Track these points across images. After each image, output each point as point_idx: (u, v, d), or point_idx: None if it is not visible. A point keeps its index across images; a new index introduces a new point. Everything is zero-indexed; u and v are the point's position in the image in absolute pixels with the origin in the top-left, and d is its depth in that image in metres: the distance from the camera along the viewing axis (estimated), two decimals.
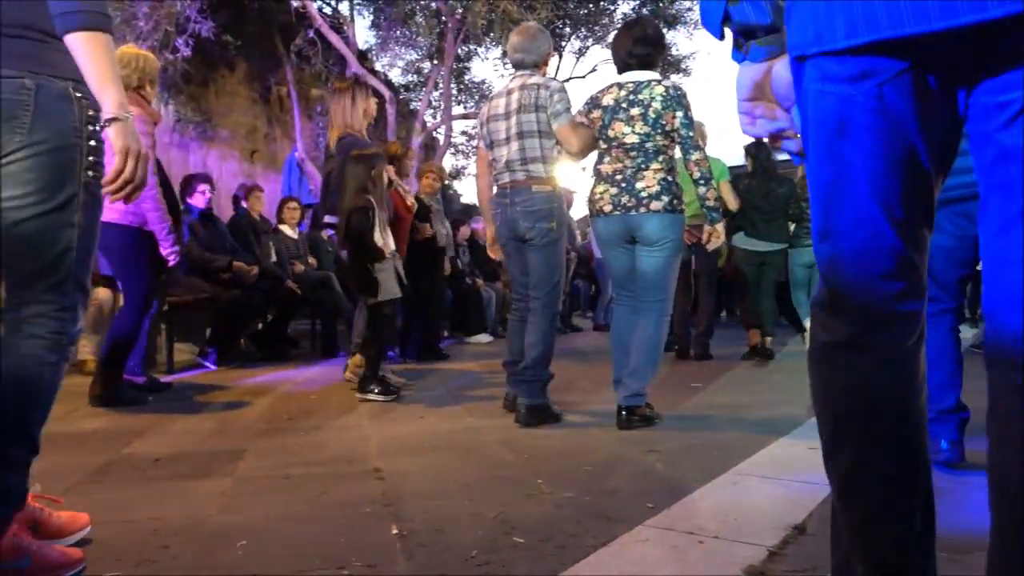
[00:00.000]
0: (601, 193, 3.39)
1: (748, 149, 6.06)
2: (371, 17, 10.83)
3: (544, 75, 3.62)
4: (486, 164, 3.75)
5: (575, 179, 13.71)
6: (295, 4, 8.73)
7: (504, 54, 11.80)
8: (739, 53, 1.16)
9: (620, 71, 3.51)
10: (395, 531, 1.87)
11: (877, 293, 1.06)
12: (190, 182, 5.95)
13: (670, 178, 3.31)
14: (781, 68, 1.12)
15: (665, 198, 3.26)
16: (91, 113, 1.59)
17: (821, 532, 1.79)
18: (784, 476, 2.37)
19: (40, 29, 1.55)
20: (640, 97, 3.33)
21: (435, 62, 11.03)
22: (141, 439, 3.09)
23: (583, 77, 12.95)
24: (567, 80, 12.99)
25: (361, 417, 3.58)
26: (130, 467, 2.62)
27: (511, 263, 3.68)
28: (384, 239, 4.20)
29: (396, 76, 11.81)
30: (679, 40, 12.14)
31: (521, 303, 3.66)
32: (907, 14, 0.91)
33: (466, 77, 12.27)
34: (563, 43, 12.34)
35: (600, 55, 12.47)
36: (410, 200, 5.49)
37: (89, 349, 5.55)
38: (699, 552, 1.71)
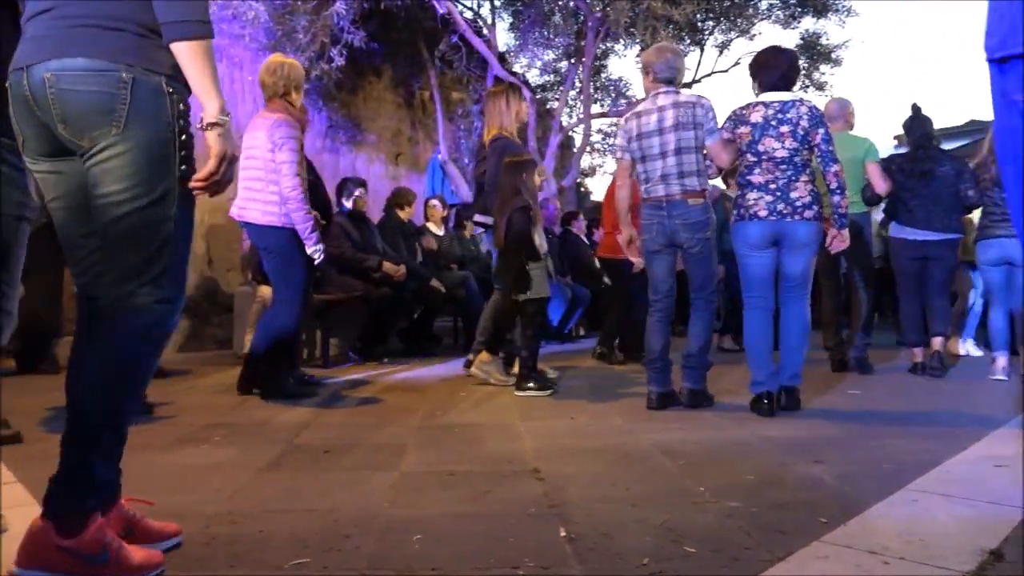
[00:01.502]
0: (755, 200, 3.70)
1: (904, 124, 5.27)
2: (510, 19, 10.96)
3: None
4: (628, 176, 4.07)
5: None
6: (440, 10, 8.96)
7: (642, 50, 11.65)
8: None
9: (764, 89, 3.80)
10: (563, 533, 1.88)
11: None
12: (345, 185, 6.25)
13: (815, 188, 3.70)
14: None
15: (816, 207, 3.64)
16: (182, 107, 1.62)
17: (1020, 560, 1.67)
18: (970, 496, 2.21)
19: (138, 23, 1.56)
20: (788, 116, 3.68)
21: (572, 61, 11.03)
22: (309, 431, 3.27)
23: (726, 71, 12.58)
24: (709, 75, 12.67)
25: (513, 416, 3.64)
26: (302, 458, 2.78)
27: (658, 267, 3.98)
28: (540, 240, 4.30)
29: (534, 77, 11.90)
30: (830, 29, 11.62)
31: (659, 304, 3.96)
32: None
33: (603, 75, 12.19)
34: (705, 37, 12.03)
35: (743, 48, 12.15)
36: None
37: None
38: (885, 574, 1.62)
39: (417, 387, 4.62)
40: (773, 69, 3.79)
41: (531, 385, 4.29)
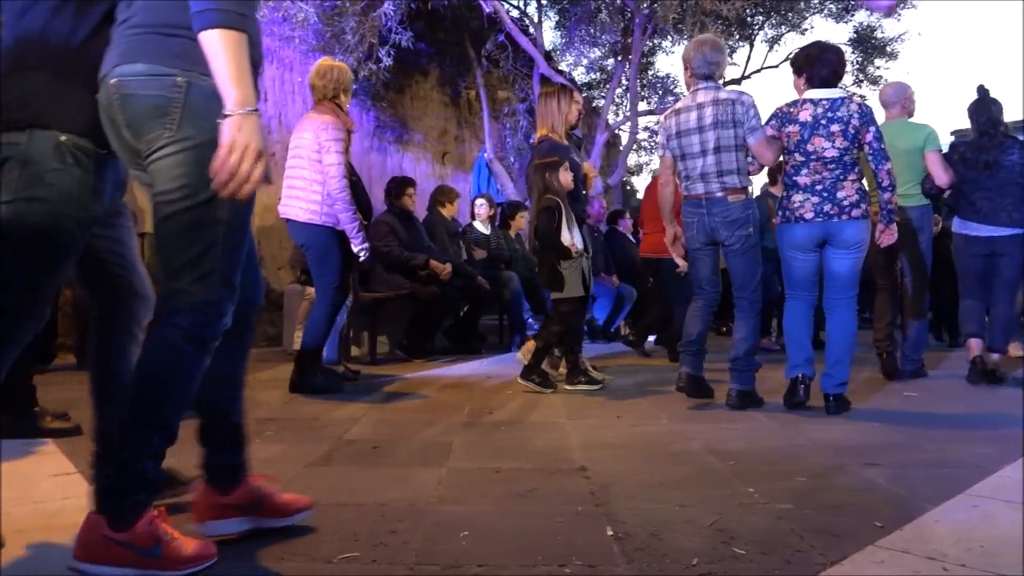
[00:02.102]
0: (801, 202, 3.65)
1: (968, 109, 4.83)
2: (556, 18, 10.93)
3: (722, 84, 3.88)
4: (671, 173, 4.04)
5: None
6: (487, 10, 8.98)
7: None
8: None
9: (814, 86, 3.70)
10: (610, 532, 1.87)
11: None
12: (399, 187, 6.30)
13: (863, 188, 3.65)
14: None
15: (863, 206, 3.59)
16: None
17: None
18: None
19: (185, 28, 1.56)
20: (839, 114, 3.60)
21: (619, 59, 10.95)
22: (358, 426, 3.31)
23: (776, 66, 12.35)
24: (759, 70, 12.47)
25: (559, 414, 3.63)
26: (352, 453, 2.82)
27: (701, 265, 3.97)
28: (572, 238, 4.31)
29: (580, 75, 11.86)
30: (885, 22, 11.27)
31: (704, 294, 3.98)
32: None
33: (650, 72, 12.09)
34: (755, 32, 11.84)
35: (794, 43, 11.85)
36: None
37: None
38: None
39: (463, 384, 4.65)
40: (823, 65, 3.69)
41: (580, 379, 4.42)
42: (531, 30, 10.23)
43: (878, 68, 11.96)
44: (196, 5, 1.51)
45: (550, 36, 11.08)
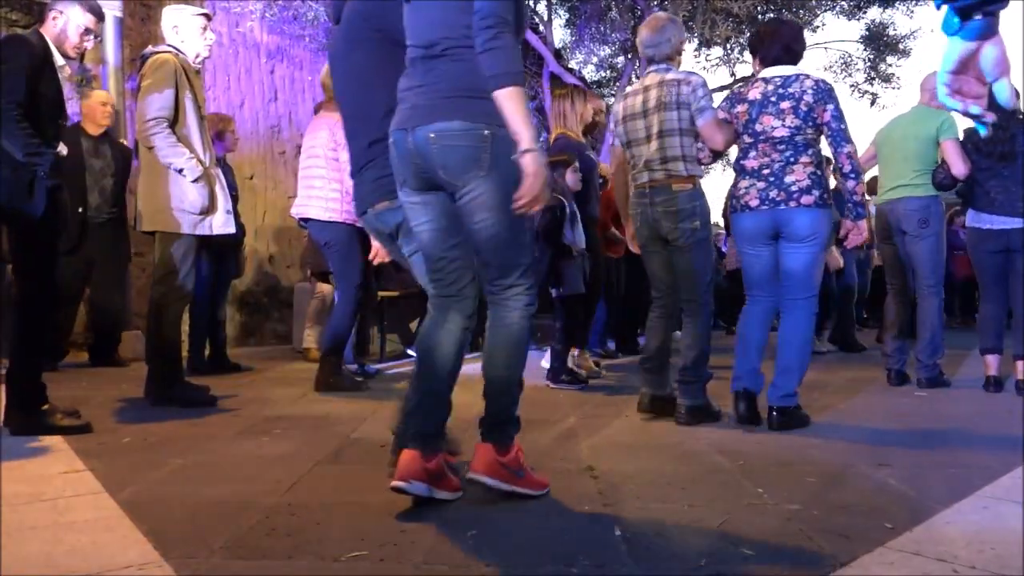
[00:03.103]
0: (747, 188, 3.33)
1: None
2: (566, 16, 10.91)
3: (679, 66, 3.57)
4: (622, 162, 3.82)
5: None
6: None
7: (701, 44, 11.48)
8: (951, 26, 1.13)
9: (765, 64, 3.40)
10: (618, 533, 1.86)
11: None
12: None
13: (819, 172, 3.25)
14: (990, 48, 1.11)
15: (816, 192, 3.20)
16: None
17: None
18: None
19: (487, 91, 1.99)
20: (790, 90, 3.27)
21: (629, 57, 10.92)
22: (366, 424, 3.31)
23: None
24: None
25: (567, 413, 3.63)
26: (360, 451, 2.82)
27: (651, 262, 3.64)
28: (574, 237, 4.37)
29: (590, 73, 11.83)
30: (898, 19, 11.22)
31: (660, 301, 3.64)
32: None
33: None
34: None
35: (807, 40, 11.81)
36: None
37: (312, 338, 6.05)
38: None
39: (472, 382, 4.59)
40: (774, 42, 3.38)
41: (564, 378, 4.45)
42: (541, 28, 10.21)
43: (890, 65, 11.90)
44: (488, 70, 1.97)
45: (560, 34, 11.08)
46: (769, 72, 3.38)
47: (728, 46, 10.92)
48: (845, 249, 6.66)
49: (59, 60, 3.17)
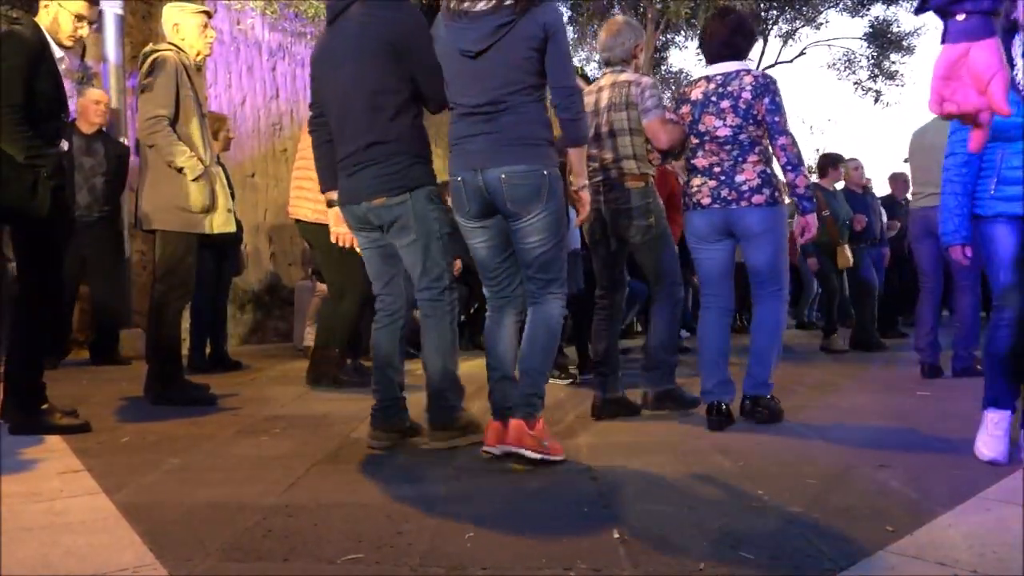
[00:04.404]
0: (699, 186, 3.34)
1: None
2: (568, 13, 10.88)
3: (637, 69, 3.64)
4: None
5: None
6: None
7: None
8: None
9: (710, 61, 3.38)
10: (616, 535, 1.85)
11: None
12: None
13: (769, 169, 3.27)
14: (979, 51, 1.10)
15: (767, 191, 3.22)
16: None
17: None
18: None
19: (545, 139, 2.59)
20: (729, 89, 3.26)
21: None
22: (365, 424, 3.27)
23: (790, 62, 12.29)
24: (772, 66, 12.39)
25: (566, 412, 3.61)
26: (358, 451, 2.81)
27: (597, 259, 3.65)
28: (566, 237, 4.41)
29: (593, 70, 11.81)
30: (901, 16, 11.13)
31: (604, 301, 3.61)
32: None
33: (663, 67, 12.03)
34: (769, 27, 11.75)
35: (810, 37, 11.79)
36: None
37: (313, 336, 6.04)
38: None
39: (471, 381, 4.58)
40: (713, 37, 3.34)
41: (554, 373, 4.42)
42: None
43: (894, 63, 11.86)
44: (572, 135, 2.65)
45: None
46: (711, 70, 3.36)
47: None
48: (862, 247, 6.65)
49: (57, 52, 3.13)
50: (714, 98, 3.28)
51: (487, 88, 2.53)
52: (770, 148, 3.31)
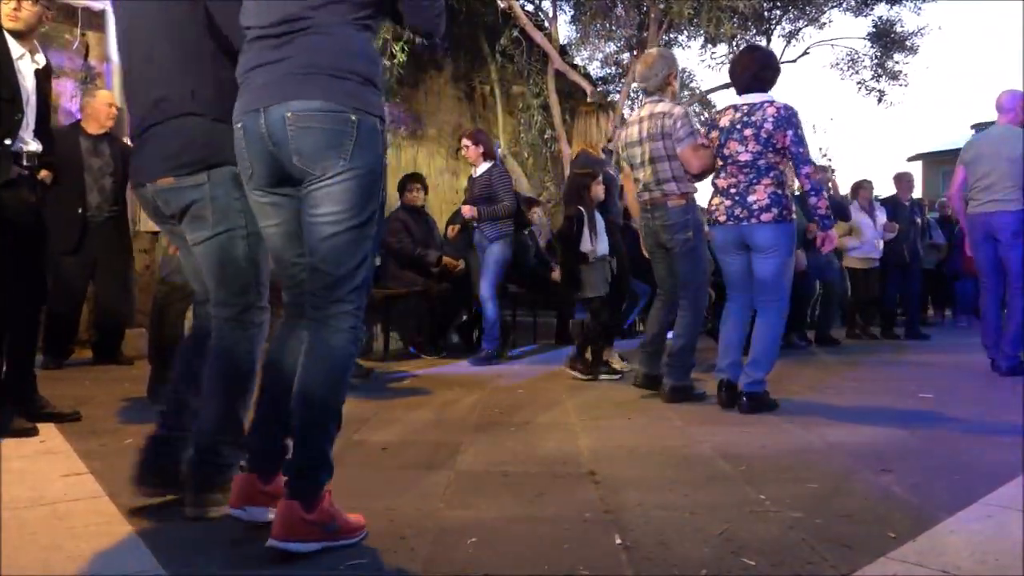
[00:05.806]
0: (717, 205, 3.80)
1: None
2: (571, 12, 10.87)
3: (673, 95, 4.14)
4: (632, 180, 4.29)
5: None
6: (501, 5, 8.95)
7: (706, 42, 11.43)
8: None
9: (740, 92, 3.82)
10: (618, 541, 1.85)
11: None
12: (405, 183, 6.29)
13: (780, 191, 3.66)
14: None
15: (775, 210, 3.62)
16: (387, 143, 1.82)
17: None
18: None
19: (360, 73, 1.79)
20: (754, 119, 3.68)
21: (634, 53, 10.88)
22: (367, 427, 3.30)
23: (794, 61, 12.25)
24: None
25: (569, 414, 3.62)
26: (362, 454, 2.81)
27: (656, 266, 4.29)
28: (592, 245, 4.66)
29: (595, 69, 11.80)
30: (904, 15, 11.13)
31: (662, 297, 4.27)
32: None
33: None
34: (772, 27, 11.73)
35: (813, 37, 11.77)
36: None
37: None
38: None
39: (474, 382, 4.63)
40: (744, 70, 3.79)
41: (601, 370, 4.73)
42: (546, 25, 10.17)
43: (897, 63, 11.81)
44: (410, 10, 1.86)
45: (565, 31, 11.02)
46: (740, 100, 3.80)
47: (734, 44, 10.86)
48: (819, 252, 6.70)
49: (17, 51, 3.02)
50: (739, 126, 3.71)
51: (283, 1, 1.81)
52: (785, 173, 3.74)
